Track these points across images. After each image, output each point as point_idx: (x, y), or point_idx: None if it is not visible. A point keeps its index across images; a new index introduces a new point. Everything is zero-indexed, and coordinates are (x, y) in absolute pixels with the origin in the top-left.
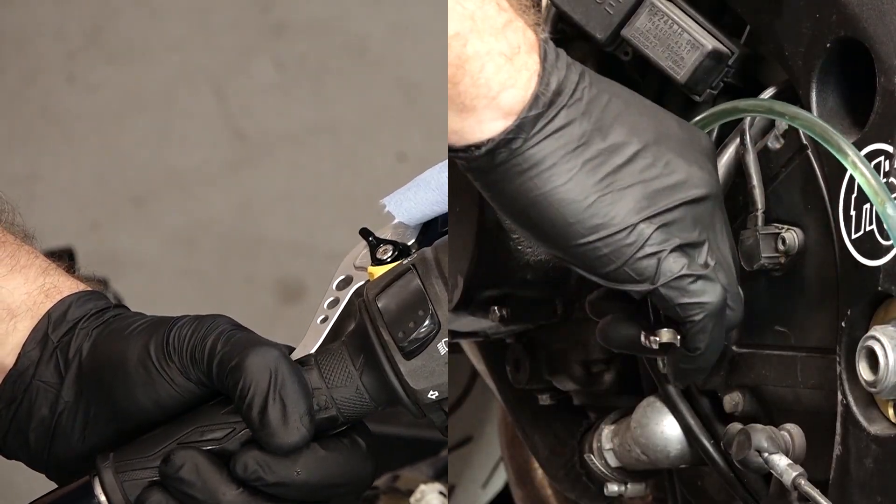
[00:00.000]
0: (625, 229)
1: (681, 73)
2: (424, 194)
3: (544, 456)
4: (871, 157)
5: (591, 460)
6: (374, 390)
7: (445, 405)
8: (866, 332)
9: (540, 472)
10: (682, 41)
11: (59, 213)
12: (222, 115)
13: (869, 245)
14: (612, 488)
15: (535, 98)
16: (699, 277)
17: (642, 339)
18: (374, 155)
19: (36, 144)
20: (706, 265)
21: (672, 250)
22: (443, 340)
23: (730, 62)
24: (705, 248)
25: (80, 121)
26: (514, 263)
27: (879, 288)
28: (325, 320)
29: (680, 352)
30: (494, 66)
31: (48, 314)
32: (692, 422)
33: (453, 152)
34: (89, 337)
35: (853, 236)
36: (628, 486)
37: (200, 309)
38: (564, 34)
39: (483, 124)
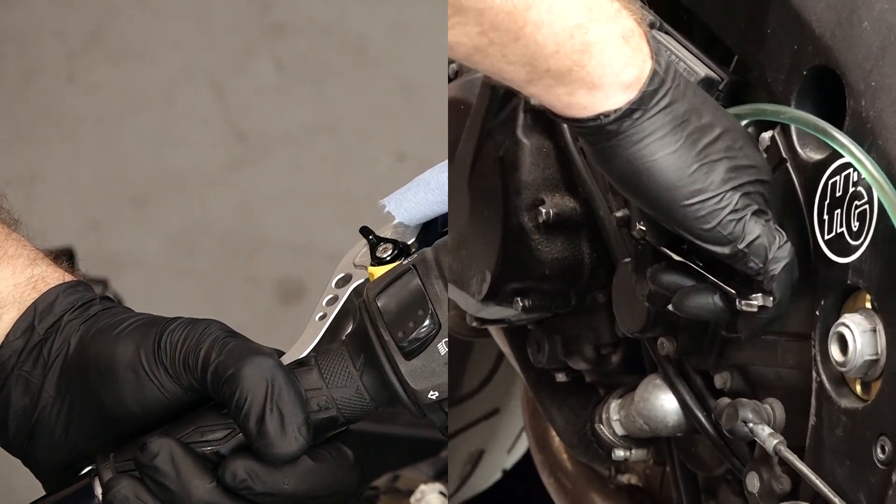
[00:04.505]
0: (718, 194)
1: None
2: (424, 194)
3: (560, 426)
4: (841, 168)
5: (601, 429)
6: (374, 390)
7: (445, 405)
8: (837, 319)
9: (557, 440)
10: (678, 69)
11: (59, 213)
12: (222, 115)
13: (839, 245)
14: (619, 453)
15: (653, 75)
16: (775, 237)
17: (737, 304)
18: (374, 155)
19: (36, 144)
20: (776, 228)
21: (752, 215)
22: (443, 341)
23: (720, 87)
24: (770, 216)
25: (80, 121)
26: (535, 260)
27: (849, 282)
28: (323, 318)
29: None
30: (615, 48)
31: (34, 305)
32: (687, 397)
33: (578, 124)
34: (76, 332)
35: (826, 237)
36: (632, 451)
37: (200, 309)
38: None
39: (610, 98)
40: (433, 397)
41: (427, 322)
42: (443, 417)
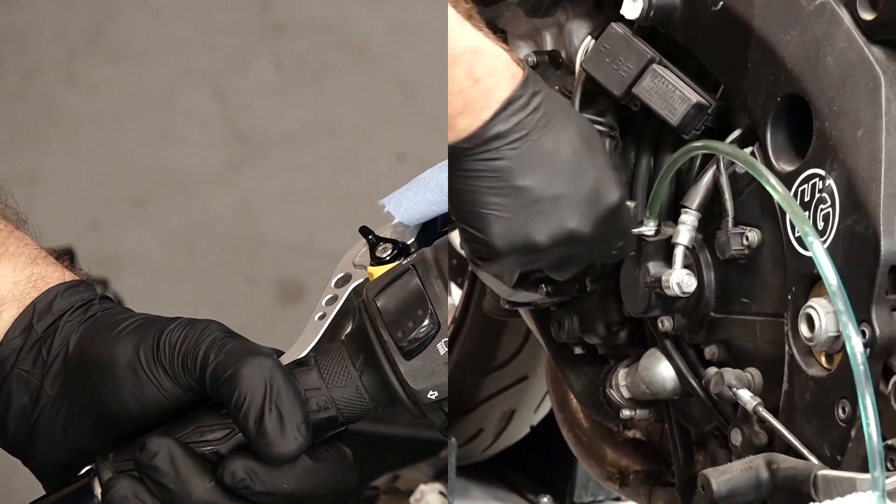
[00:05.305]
0: (494, 246)
1: (674, 119)
2: (424, 194)
3: (578, 390)
4: (809, 178)
5: (611, 393)
6: (373, 390)
7: (445, 405)
8: (806, 302)
9: (575, 401)
10: (675, 96)
11: (59, 213)
12: (222, 115)
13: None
14: (626, 413)
15: (486, 130)
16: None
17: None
18: (374, 155)
19: (36, 144)
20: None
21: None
22: (442, 340)
23: (709, 111)
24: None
25: (80, 121)
26: None
27: (815, 272)
28: (322, 317)
29: None
30: (457, 112)
31: (33, 304)
32: (682, 366)
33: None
34: (76, 331)
35: (796, 235)
36: (637, 411)
37: (200, 309)
38: (592, 91)
39: (456, 137)
40: (433, 397)
41: (426, 322)
42: (442, 417)
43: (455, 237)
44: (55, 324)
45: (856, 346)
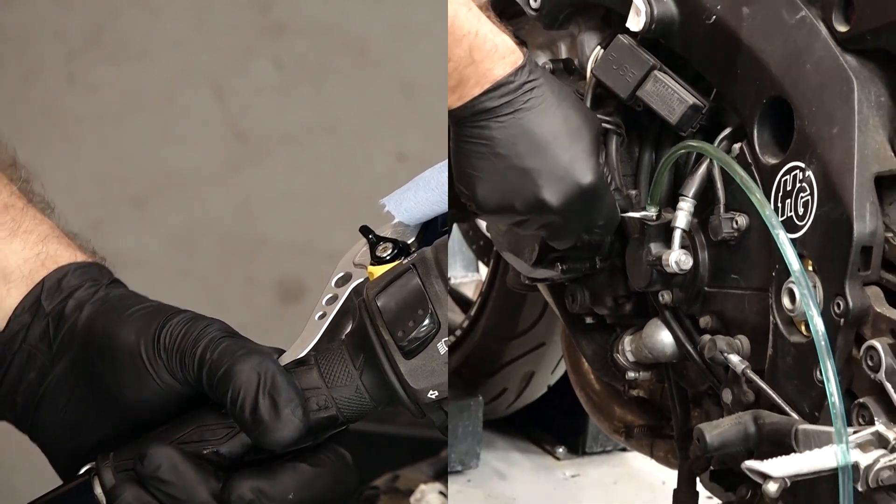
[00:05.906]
0: (479, 204)
1: (673, 119)
2: (424, 194)
3: (589, 354)
4: (791, 170)
5: (618, 357)
6: (373, 390)
7: (445, 405)
8: (788, 278)
9: (586, 365)
10: (673, 98)
11: (60, 213)
12: (222, 115)
13: (790, 225)
14: (631, 374)
15: (470, 104)
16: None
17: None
18: (374, 155)
19: (36, 144)
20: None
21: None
22: (442, 340)
23: (703, 111)
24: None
25: (80, 121)
26: None
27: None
28: (323, 317)
29: None
30: (475, 79)
31: (42, 282)
32: (680, 334)
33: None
34: (84, 310)
35: (779, 219)
36: (641, 373)
37: (200, 309)
38: (601, 94)
39: (465, 97)
40: (433, 396)
41: (427, 321)
42: (442, 416)
43: (481, 222)
44: (64, 301)
45: (818, 325)
